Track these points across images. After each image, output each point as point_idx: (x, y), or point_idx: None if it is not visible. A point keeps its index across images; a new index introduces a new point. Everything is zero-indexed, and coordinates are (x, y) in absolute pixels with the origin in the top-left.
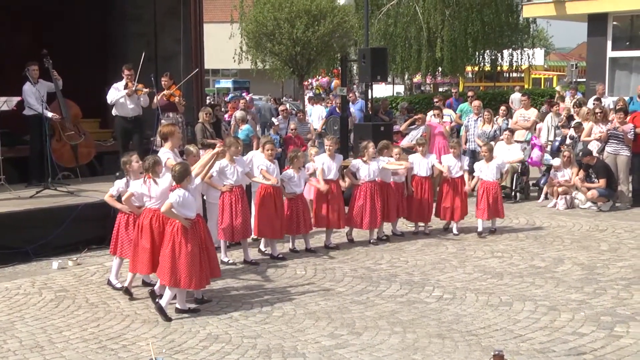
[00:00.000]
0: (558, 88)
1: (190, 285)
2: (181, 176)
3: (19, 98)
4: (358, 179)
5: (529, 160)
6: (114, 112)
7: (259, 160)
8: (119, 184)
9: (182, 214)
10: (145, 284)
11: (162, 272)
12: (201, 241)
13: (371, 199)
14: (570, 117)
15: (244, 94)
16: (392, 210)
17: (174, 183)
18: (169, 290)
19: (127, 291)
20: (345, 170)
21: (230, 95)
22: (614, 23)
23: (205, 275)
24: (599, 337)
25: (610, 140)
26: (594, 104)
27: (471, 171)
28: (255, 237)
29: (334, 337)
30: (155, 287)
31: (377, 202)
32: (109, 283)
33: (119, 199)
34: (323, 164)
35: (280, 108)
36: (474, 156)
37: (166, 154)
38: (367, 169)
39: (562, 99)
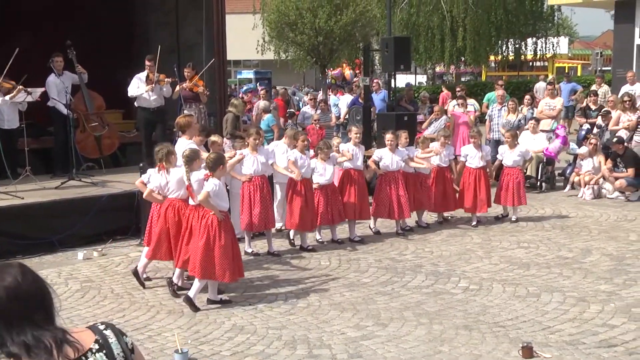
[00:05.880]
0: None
1: (224, 277)
2: (214, 164)
3: (42, 89)
4: (382, 169)
5: (545, 150)
6: (136, 103)
7: (289, 152)
8: (151, 172)
9: (217, 204)
10: (170, 283)
11: (194, 264)
12: (233, 234)
13: (396, 188)
14: (599, 107)
15: (245, 87)
16: (417, 200)
17: (190, 173)
18: (199, 282)
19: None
20: (369, 160)
21: (244, 87)
22: None
23: (238, 268)
24: (630, 329)
25: (638, 129)
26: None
27: (494, 161)
28: (284, 228)
29: (360, 328)
30: (174, 277)
31: (402, 192)
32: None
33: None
34: (349, 151)
35: (309, 97)
36: (498, 146)
37: (189, 144)
38: (390, 158)
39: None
